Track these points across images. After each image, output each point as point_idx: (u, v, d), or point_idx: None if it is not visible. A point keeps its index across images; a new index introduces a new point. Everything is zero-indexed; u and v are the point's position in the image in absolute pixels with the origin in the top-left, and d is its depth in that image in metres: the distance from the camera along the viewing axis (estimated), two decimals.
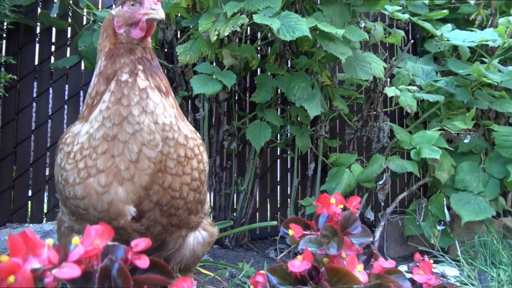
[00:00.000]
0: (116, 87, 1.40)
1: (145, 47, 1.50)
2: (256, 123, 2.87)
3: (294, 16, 2.44)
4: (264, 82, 2.83)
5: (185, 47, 2.57)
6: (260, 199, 3.93)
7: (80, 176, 1.37)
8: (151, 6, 1.47)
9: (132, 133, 1.36)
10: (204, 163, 1.57)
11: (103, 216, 1.40)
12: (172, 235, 1.62)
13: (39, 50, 3.32)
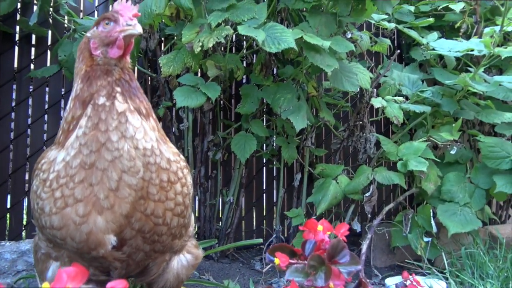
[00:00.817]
0: (93, 111, 1.34)
1: (123, 68, 1.44)
2: (241, 135, 2.83)
3: (280, 27, 2.39)
4: (249, 93, 2.79)
5: (168, 58, 2.51)
6: (246, 208, 3.89)
7: (56, 205, 1.30)
8: (127, 22, 1.41)
9: (111, 160, 1.31)
10: (188, 186, 1.53)
11: (81, 247, 1.34)
12: (155, 260, 1.57)
13: (18, 57, 3.23)
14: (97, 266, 1.47)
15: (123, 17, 1.43)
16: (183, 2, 2.39)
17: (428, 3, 3.86)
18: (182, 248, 1.67)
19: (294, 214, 2.98)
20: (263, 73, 2.83)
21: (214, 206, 3.43)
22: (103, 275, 1.51)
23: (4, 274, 2.02)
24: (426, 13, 3.88)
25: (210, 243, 2.55)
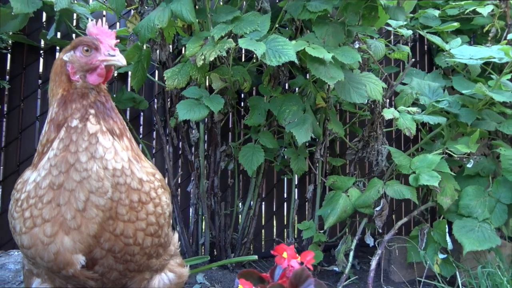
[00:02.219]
0: (66, 133, 1.38)
1: (99, 90, 1.47)
2: (249, 146, 2.81)
3: (282, 39, 2.36)
4: (256, 104, 2.77)
5: (173, 71, 2.54)
6: (266, 217, 3.88)
7: (26, 225, 1.35)
8: (109, 52, 1.44)
9: (79, 180, 1.33)
10: (163, 206, 1.53)
11: (51, 266, 1.37)
12: (133, 279, 1.59)
13: (43, 69, 3.37)
14: (74, 284, 1.50)
15: (104, 44, 1.46)
16: (185, 16, 2.40)
17: (455, 7, 3.70)
18: (164, 267, 1.67)
19: (305, 226, 2.93)
20: (272, 84, 2.80)
21: (230, 215, 3.44)
22: None
23: (8, 284, 2.11)
24: (453, 17, 3.72)
25: (202, 259, 2.54)
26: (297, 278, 1.28)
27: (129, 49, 2.65)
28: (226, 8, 2.61)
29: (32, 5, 2.31)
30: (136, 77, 2.71)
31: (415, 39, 4.28)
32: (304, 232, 2.93)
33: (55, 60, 1.52)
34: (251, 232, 3.41)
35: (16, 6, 2.22)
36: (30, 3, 2.31)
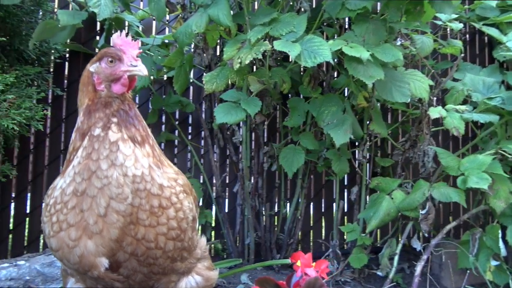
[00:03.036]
0: (89, 142, 1.44)
1: (123, 99, 1.52)
2: (289, 148, 2.80)
3: (318, 40, 2.33)
4: (296, 105, 2.75)
5: (212, 74, 2.58)
6: (315, 218, 3.84)
7: (53, 229, 1.43)
8: (132, 62, 1.49)
9: (100, 187, 1.39)
10: (185, 210, 1.55)
11: (77, 268, 1.45)
12: (159, 281, 1.63)
13: None
14: (103, 284, 1.57)
15: (127, 55, 1.51)
16: (222, 20, 2.43)
17: None
18: (191, 270, 1.70)
19: (348, 229, 2.87)
20: (312, 85, 2.77)
21: (276, 216, 3.44)
22: None
23: (56, 280, 2.24)
24: None
25: (234, 262, 2.56)
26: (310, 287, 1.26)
27: (171, 54, 2.73)
28: (264, 10, 2.61)
29: (77, 17, 2.43)
30: (179, 81, 2.77)
31: (474, 31, 4.04)
32: (348, 235, 2.87)
33: (83, 71, 1.60)
34: (297, 233, 3.39)
35: (62, 18, 2.35)
36: (76, 15, 2.44)
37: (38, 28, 2.42)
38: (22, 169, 3.27)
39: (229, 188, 3.62)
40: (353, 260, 2.83)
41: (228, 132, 3.25)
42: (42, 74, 2.86)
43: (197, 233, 1.70)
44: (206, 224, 3.55)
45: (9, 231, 3.19)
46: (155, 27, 3.64)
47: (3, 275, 2.17)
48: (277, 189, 3.58)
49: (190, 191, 1.66)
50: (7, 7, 2.44)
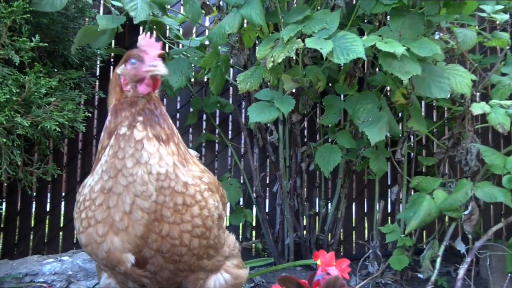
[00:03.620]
0: (115, 140, 1.49)
1: (149, 98, 1.55)
2: (326, 147, 2.76)
3: (351, 36, 2.28)
4: (332, 103, 2.71)
5: (246, 74, 2.59)
6: (357, 218, 3.77)
7: (82, 225, 1.48)
8: (151, 63, 1.52)
9: (126, 185, 1.43)
10: (210, 208, 1.56)
11: (105, 263, 1.50)
12: (187, 278, 1.65)
13: None
14: (132, 280, 1.61)
15: (148, 56, 1.54)
16: (254, 19, 2.44)
17: None
18: (219, 268, 1.71)
19: (388, 229, 2.79)
20: (348, 82, 2.72)
21: (317, 216, 3.41)
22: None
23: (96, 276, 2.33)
24: None
25: (266, 261, 2.55)
26: (330, 287, 1.23)
27: (207, 55, 2.76)
28: (298, 9, 2.59)
29: (116, 21, 2.52)
30: (215, 82, 2.81)
31: None
32: (387, 236, 2.79)
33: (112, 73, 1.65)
34: (338, 233, 3.34)
35: (101, 23, 2.44)
36: (115, 19, 2.52)
37: (79, 33, 2.52)
38: (71, 170, 3.43)
39: (269, 188, 3.62)
40: (394, 261, 2.75)
41: (266, 132, 3.25)
42: (86, 77, 2.98)
43: (224, 231, 1.71)
44: (246, 224, 3.58)
45: (59, 228, 3.35)
46: (196, 30, 3.71)
47: (48, 270, 2.28)
48: (317, 189, 3.55)
49: (216, 189, 1.67)
50: (51, 14, 2.56)
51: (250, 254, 3.59)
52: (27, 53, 2.22)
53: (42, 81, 2.26)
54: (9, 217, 3.28)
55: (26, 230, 3.28)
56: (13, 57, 2.15)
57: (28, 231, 3.27)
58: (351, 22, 2.59)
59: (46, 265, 2.30)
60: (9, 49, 2.16)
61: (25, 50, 2.22)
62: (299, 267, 3.26)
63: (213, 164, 3.66)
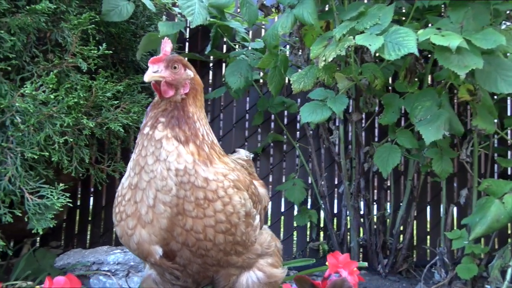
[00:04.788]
0: (141, 139, 1.59)
1: (171, 101, 1.62)
2: (385, 146, 2.65)
3: (403, 30, 2.18)
4: (391, 102, 2.59)
5: (300, 74, 2.58)
6: (433, 222, 3.57)
7: (117, 219, 1.60)
8: (151, 69, 1.59)
9: (148, 180, 1.52)
10: (235, 205, 1.59)
11: (137, 254, 1.61)
12: (218, 273, 1.70)
13: (212, 80, 3.79)
14: (168, 272, 1.70)
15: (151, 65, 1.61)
16: (306, 19, 2.43)
17: None
18: (251, 265, 1.74)
19: (455, 235, 2.61)
20: (408, 79, 2.59)
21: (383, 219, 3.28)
22: (178, 281, 1.74)
23: None
24: None
25: (307, 261, 2.49)
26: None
27: (264, 56, 2.80)
28: (354, 5, 2.53)
29: (176, 26, 2.65)
30: (273, 82, 2.84)
31: None
32: (454, 242, 2.61)
33: None
34: (407, 238, 3.18)
35: (162, 29, 2.59)
36: (175, 25, 2.66)
37: (143, 40, 2.70)
38: None
39: (337, 189, 3.56)
40: (461, 270, 2.57)
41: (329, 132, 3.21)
42: None
43: (255, 229, 1.72)
44: (311, 224, 3.56)
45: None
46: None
47: (112, 259, 2.47)
48: (388, 191, 3.42)
49: (246, 187, 1.70)
50: (120, 24, 2.77)
51: (317, 255, 3.57)
52: (94, 60, 2.42)
53: (108, 86, 2.46)
54: (96, 211, 3.59)
55: (110, 224, 3.56)
56: (81, 64, 2.35)
57: (111, 224, 3.56)
58: (412, 15, 2.47)
59: (111, 255, 2.49)
60: (78, 57, 2.37)
61: (92, 57, 2.42)
62: (364, 271, 3.17)
63: (281, 164, 3.69)
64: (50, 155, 2.25)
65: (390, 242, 3.25)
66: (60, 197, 2.23)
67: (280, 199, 3.67)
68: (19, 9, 2.26)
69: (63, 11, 2.42)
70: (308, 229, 3.63)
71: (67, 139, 2.26)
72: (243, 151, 2.38)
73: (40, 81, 2.22)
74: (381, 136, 3.45)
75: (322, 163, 3.46)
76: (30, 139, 2.21)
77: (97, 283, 2.43)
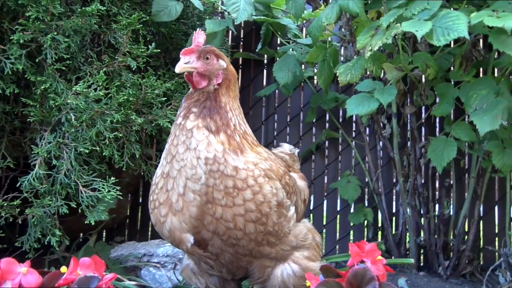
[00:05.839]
0: (173, 129, 1.62)
1: (203, 91, 1.63)
2: (440, 139, 2.50)
3: (454, 14, 2.05)
4: (445, 92, 2.44)
5: (347, 66, 2.51)
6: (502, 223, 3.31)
7: (151, 207, 1.64)
8: (183, 60, 1.61)
9: (179, 169, 1.54)
10: (266, 194, 1.57)
11: (170, 242, 1.64)
12: (251, 264, 1.68)
13: (266, 79, 3.80)
14: (203, 261, 1.71)
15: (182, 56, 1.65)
16: (351, 8, 2.37)
17: None
18: (286, 257, 1.70)
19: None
20: (464, 68, 2.43)
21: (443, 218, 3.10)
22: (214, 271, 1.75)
23: None
24: None
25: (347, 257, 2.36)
26: (358, 279, 1.15)
27: (312, 49, 2.76)
28: None
29: (222, 24, 2.69)
30: (322, 76, 2.78)
31: None
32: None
33: None
34: (471, 239, 2.98)
35: (209, 26, 2.64)
36: (221, 23, 2.69)
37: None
38: None
39: (395, 187, 3.42)
40: None
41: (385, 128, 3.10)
42: None
43: (288, 220, 1.68)
44: (367, 223, 3.44)
45: None
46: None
47: (161, 252, 2.54)
48: (446, 189, 3.22)
49: (279, 177, 1.67)
50: (171, 24, 2.85)
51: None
52: (143, 59, 2.51)
53: (156, 83, 2.53)
54: None
55: None
56: (130, 63, 2.45)
57: None
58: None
59: (161, 247, 2.56)
60: (127, 56, 2.46)
61: (142, 56, 2.50)
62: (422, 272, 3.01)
63: (336, 162, 3.61)
64: (102, 150, 2.36)
65: (452, 243, 3.07)
66: (111, 190, 2.33)
67: (336, 197, 3.58)
68: (73, 13, 2.40)
69: (115, 14, 2.53)
70: (365, 229, 3.51)
71: (117, 134, 2.35)
72: (287, 145, 2.35)
73: (91, 80, 2.33)
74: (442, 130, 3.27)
75: (378, 160, 3.34)
76: (83, 135, 2.33)
77: (147, 274, 2.50)
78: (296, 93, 3.70)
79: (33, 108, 2.29)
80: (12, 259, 1.18)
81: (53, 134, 2.34)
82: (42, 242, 2.34)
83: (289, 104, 3.75)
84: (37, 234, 2.30)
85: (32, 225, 2.30)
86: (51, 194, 2.32)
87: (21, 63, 2.21)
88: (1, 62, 2.22)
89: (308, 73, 3.41)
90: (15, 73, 2.28)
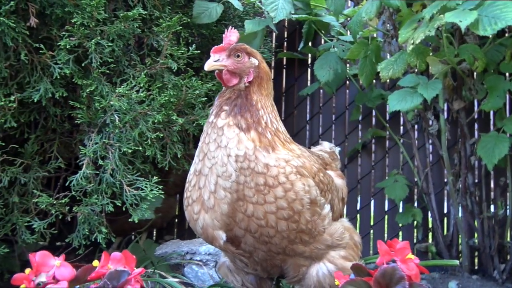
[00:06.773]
0: (206, 127, 1.64)
1: (237, 89, 1.64)
2: (491, 135, 2.37)
3: (501, 2, 1.95)
4: (495, 85, 2.31)
5: (389, 61, 2.43)
6: None
7: (185, 204, 1.67)
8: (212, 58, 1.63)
9: (210, 166, 1.56)
10: (297, 191, 1.54)
11: (204, 238, 1.65)
12: (285, 262, 1.67)
13: (310, 78, 3.76)
14: (239, 259, 1.71)
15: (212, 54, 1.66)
16: (391, 1, 2.30)
17: None
18: (321, 256, 1.67)
19: None
20: None
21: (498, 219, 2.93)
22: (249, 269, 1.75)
23: None
24: None
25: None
26: (386, 278, 1.10)
27: (353, 46, 2.70)
28: None
29: (261, 23, 2.69)
30: (364, 73, 2.72)
31: None
32: None
33: None
34: None
35: (248, 27, 2.65)
36: (261, 22, 2.69)
37: None
38: None
39: (446, 186, 3.28)
40: None
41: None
42: None
43: (323, 219, 1.65)
44: (417, 224, 3.32)
45: None
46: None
47: (203, 250, 2.57)
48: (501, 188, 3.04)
49: (312, 174, 1.64)
50: (212, 25, 2.89)
51: (426, 257, 3.30)
52: (184, 61, 2.55)
53: (197, 84, 2.57)
54: None
55: None
56: (171, 65, 2.50)
57: None
58: None
59: (203, 246, 2.59)
60: (168, 58, 2.52)
61: (182, 58, 2.55)
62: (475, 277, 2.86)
63: (383, 161, 3.51)
64: (145, 150, 2.42)
65: (508, 245, 2.90)
66: (153, 189, 2.38)
67: (384, 197, 3.48)
68: (117, 18, 2.48)
69: (157, 17, 2.60)
70: (414, 230, 3.39)
71: (159, 134, 2.40)
72: (327, 143, 2.31)
73: (134, 82, 2.40)
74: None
75: (426, 159, 3.21)
76: (127, 135, 2.40)
77: (190, 272, 2.54)
78: (341, 92, 3.64)
79: (80, 111, 2.38)
80: (47, 252, 1.23)
81: (99, 135, 2.43)
82: (90, 239, 2.44)
83: (334, 103, 3.69)
84: (85, 231, 2.39)
85: (80, 222, 2.39)
86: (97, 193, 2.40)
87: (69, 68, 2.31)
88: (51, 68, 2.33)
89: (353, 70, 3.34)
90: (64, 78, 2.38)
